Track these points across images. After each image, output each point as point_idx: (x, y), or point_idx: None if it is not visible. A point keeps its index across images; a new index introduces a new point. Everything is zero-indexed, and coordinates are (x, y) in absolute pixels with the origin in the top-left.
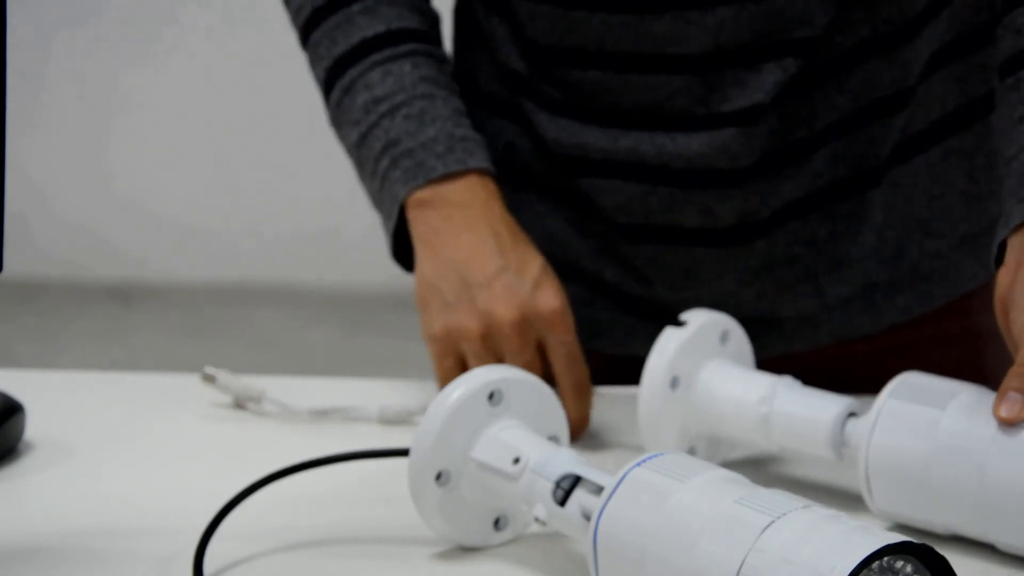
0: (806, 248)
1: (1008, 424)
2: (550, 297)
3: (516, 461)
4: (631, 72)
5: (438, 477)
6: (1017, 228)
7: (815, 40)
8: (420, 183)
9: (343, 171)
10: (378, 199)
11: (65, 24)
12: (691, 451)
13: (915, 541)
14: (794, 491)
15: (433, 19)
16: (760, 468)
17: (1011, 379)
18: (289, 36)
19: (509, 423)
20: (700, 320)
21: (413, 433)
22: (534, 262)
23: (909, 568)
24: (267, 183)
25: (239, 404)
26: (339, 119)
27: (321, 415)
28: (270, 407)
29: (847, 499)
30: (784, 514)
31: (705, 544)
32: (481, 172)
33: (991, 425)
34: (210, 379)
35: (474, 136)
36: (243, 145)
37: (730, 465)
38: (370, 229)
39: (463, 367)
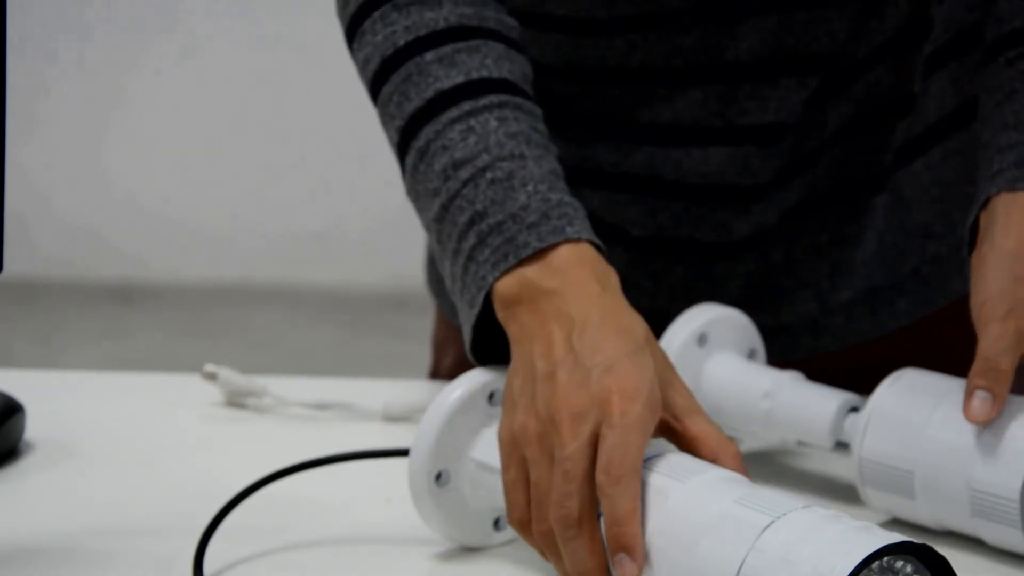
0: (808, 253)
1: (981, 424)
2: (613, 381)
3: None
4: (657, 86)
5: (438, 477)
6: (984, 205)
7: (834, 55)
8: (511, 264)
9: (343, 171)
10: (461, 282)
11: (65, 24)
12: None
13: (915, 541)
14: (796, 483)
15: (523, 66)
16: (763, 461)
17: (976, 377)
18: (289, 37)
19: None
20: (716, 311)
21: (414, 431)
22: (614, 345)
23: (909, 568)
24: (267, 183)
25: (232, 402)
26: (416, 188)
27: (325, 409)
28: (271, 402)
29: (848, 492)
30: (784, 514)
31: (705, 544)
32: (578, 242)
33: (962, 479)
34: (211, 376)
35: (572, 201)
36: (243, 145)
37: None
38: (370, 229)
39: (527, 481)
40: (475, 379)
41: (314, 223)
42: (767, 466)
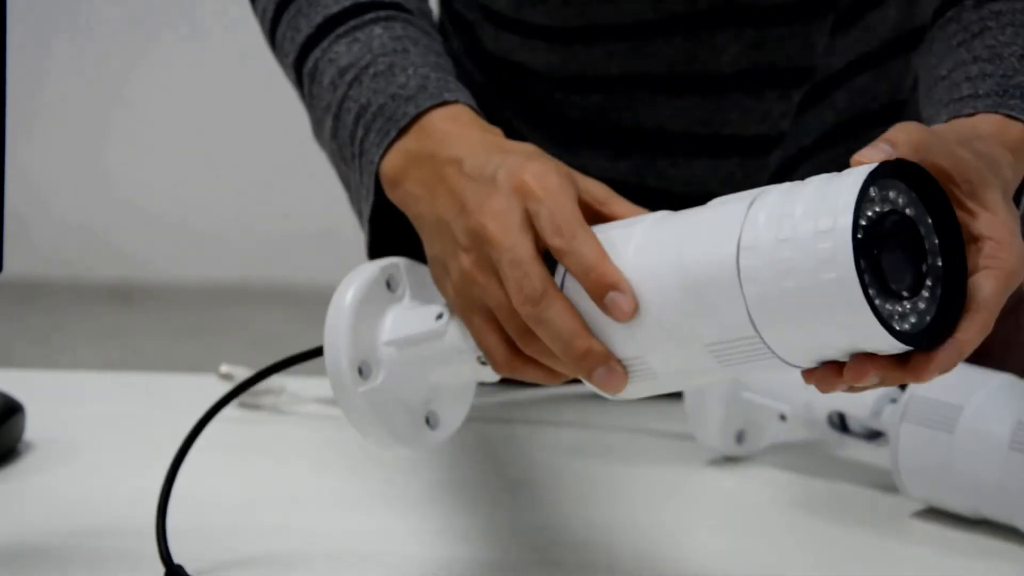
0: None
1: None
2: (518, 168)
3: (439, 317)
4: (638, 94)
5: (360, 372)
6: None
7: (815, 68)
8: (392, 139)
9: None
10: (357, 186)
11: (65, 24)
12: (740, 435)
13: (905, 161)
14: (835, 473)
15: (421, 3)
16: (796, 452)
17: (894, 131)
18: None
19: (414, 303)
20: None
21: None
22: (501, 155)
23: (901, 200)
24: (267, 183)
25: (244, 402)
26: (315, 115)
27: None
28: (289, 400)
29: (887, 481)
30: (760, 194)
31: (693, 246)
32: (455, 104)
33: (1013, 415)
34: (227, 377)
35: (454, 80)
36: (243, 145)
37: (774, 450)
38: None
39: (493, 319)
40: (369, 269)
41: (314, 223)
42: (801, 456)
